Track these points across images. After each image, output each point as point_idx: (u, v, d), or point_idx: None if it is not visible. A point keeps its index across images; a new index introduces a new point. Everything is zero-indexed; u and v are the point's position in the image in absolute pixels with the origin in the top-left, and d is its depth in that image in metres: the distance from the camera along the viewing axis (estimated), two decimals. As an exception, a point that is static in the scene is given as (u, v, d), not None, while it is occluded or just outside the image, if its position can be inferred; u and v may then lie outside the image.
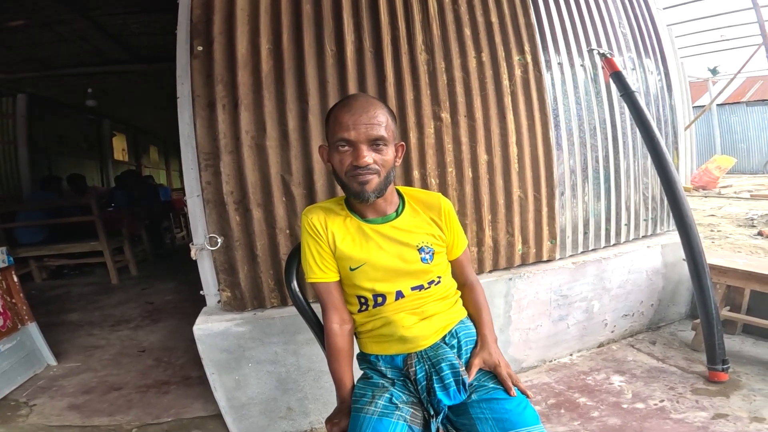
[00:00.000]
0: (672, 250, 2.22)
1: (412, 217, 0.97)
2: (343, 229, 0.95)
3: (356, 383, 0.95)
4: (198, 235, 1.56)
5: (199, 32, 1.43)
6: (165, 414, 1.73)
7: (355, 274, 0.93)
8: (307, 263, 0.96)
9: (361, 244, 0.93)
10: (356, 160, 0.85)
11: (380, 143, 0.87)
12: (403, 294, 0.94)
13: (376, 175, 0.87)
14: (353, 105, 0.87)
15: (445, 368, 0.89)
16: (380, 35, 1.61)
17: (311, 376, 1.58)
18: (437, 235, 0.98)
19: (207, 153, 1.46)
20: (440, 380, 0.88)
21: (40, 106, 5.44)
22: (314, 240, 0.95)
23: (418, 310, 0.94)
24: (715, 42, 8.02)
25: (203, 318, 1.53)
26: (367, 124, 0.85)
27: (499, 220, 1.83)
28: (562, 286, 1.95)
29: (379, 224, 0.95)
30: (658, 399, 1.62)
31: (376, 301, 0.94)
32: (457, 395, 0.87)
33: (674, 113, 2.38)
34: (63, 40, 3.84)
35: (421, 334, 0.93)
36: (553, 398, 1.69)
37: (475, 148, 1.76)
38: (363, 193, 0.87)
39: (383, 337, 0.95)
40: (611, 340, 2.13)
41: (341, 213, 0.96)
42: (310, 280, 0.96)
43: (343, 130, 0.85)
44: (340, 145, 0.87)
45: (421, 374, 0.91)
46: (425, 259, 0.94)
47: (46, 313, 2.97)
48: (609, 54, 1.89)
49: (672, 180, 1.74)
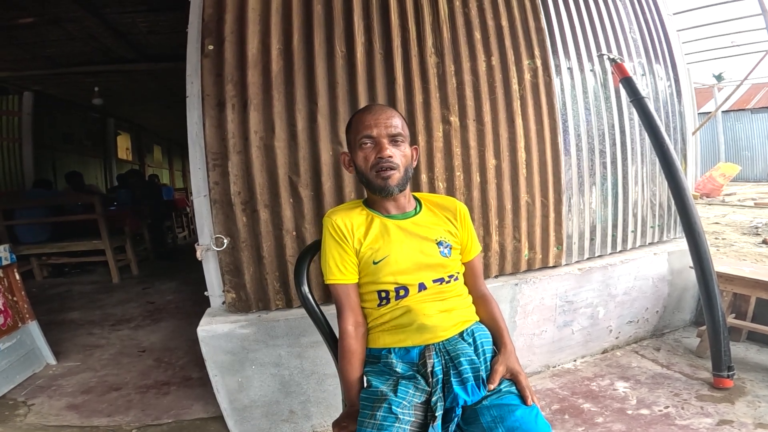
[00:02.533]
0: (678, 258, 2.22)
1: (430, 216, 1.03)
2: (366, 225, 0.99)
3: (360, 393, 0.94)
4: (204, 236, 1.55)
5: (211, 31, 1.43)
6: (165, 415, 1.72)
7: (378, 267, 0.95)
8: (327, 264, 0.98)
9: (384, 238, 0.98)
10: (380, 153, 0.94)
11: (399, 139, 0.96)
12: (426, 286, 0.97)
13: (397, 170, 0.95)
14: (373, 108, 0.99)
15: (464, 362, 0.90)
16: (390, 37, 1.61)
17: (315, 379, 1.57)
18: (453, 233, 1.03)
19: (215, 153, 1.45)
20: (458, 374, 0.88)
21: (46, 104, 5.46)
22: (336, 242, 0.97)
23: (440, 302, 0.97)
24: (721, 48, 8.01)
25: (207, 319, 1.52)
26: (386, 122, 0.95)
27: (506, 225, 1.82)
28: (568, 292, 1.94)
29: (400, 219, 1.00)
30: (662, 405, 1.62)
31: (398, 293, 0.96)
32: (475, 391, 0.86)
33: (684, 120, 2.37)
34: (71, 38, 3.86)
35: (441, 324, 0.94)
36: (557, 404, 1.68)
37: (484, 152, 1.75)
38: (387, 187, 0.95)
39: (401, 327, 0.95)
40: (615, 346, 2.12)
41: (363, 212, 1.02)
42: (329, 281, 0.98)
43: (366, 128, 0.95)
44: (363, 143, 0.95)
45: (439, 367, 0.90)
46: (444, 252, 0.98)
47: (47, 312, 2.96)
48: (619, 59, 1.88)
49: (681, 187, 1.73)
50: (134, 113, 7.37)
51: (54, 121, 5.68)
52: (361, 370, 0.96)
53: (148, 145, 9.10)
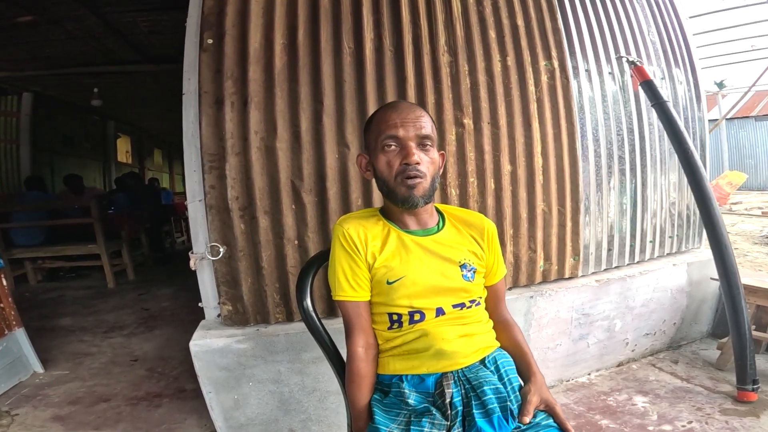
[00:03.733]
0: (698, 269, 2.15)
1: (453, 233, 0.92)
2: (382, 239, 0.88)
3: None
4: (198, 244, 1.45)
5: (211, 24, 1.35)
6: (156, 429, 1.63)
7: (393, 288, 0.85)
8: (336, 279, 0.87)
9: (401, 256, 0.86)
10: (406, 158, 0.81)
11: (428, 143, 0.84)
12: (444, 311, 0.86)
13: (424, 179, 0.83)
14: (399, 106, 0.86)
15: (488, 392, 0.79)
16: (401, 34, 1.53)
17: (316, 396, 1.47)
18: (479, 254, 0.91)
19: (212, 154, 1.36)
20: (481, 405, 0.77)
21: (45, 105, 5.41)
22: (348, 254, 0.86)
23: (460, 326, 0.86)
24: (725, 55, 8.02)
25: (201, 333, 1.43)
26: (415, 122, 0.83)
27: (522, 234, 1.73)
28: (584, 305, 1.86)
29: (421, 236, 0.89)
30: (685, 420, 1.55)
31: (412, 317, 0.86)
32: (503, 424, 0.75)
33: (703, 126, 2.30)
34: (72, 38, 3.81)
35: (461, 350, 0.83)
36: (573, 420, 1.59)
37: (499, 157, 1.66)
38: (411, 198, 0.83)
39: (415, 353, 0.84)
40: (631, 359, 2.05)
41: (379, 223, 0.90)
42: (338, 297, 0.87)
43: (391, 128, 0.82)
44: (386, 145, 0.83)
45: (458, 398, 0.79)
46: (467, 276, 0.87)
47: (38, 317, 2.89)
48: (639, 62, 1.81)
49: (706, 196, 1.66)
50: (135, 116, 7.33)
51: (54, 123, 5.62)
52: (371, 395, 0.85)
53: (149, 148, 9.05)
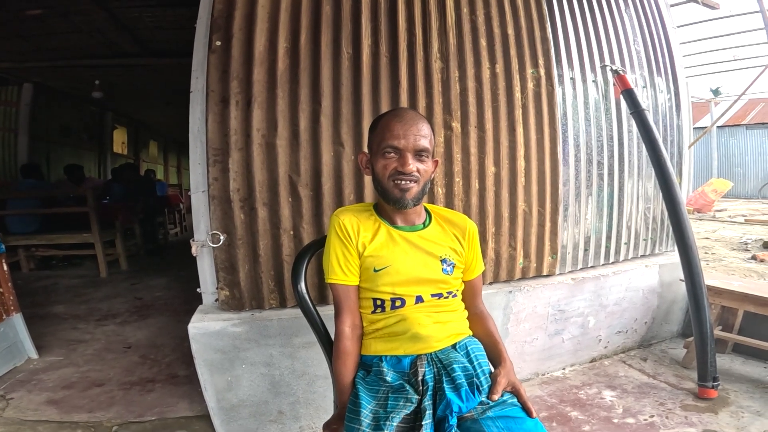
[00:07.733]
0: (669, 270, 2.25)
1: (438, 231, 1.02)
2: (373, 231, 0.98)
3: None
4: (200, 232, 1.53)
5: (219, 27, 1.42)
6: (148, 412, 1.69)
7: (378, 275, 0.95)
8: (329, 263, 0.97)
9: (389, 247, 0.97)
10: (402, 167, 0.91)
11: (424, 155, 0.94)
12: (423, 299, 0.96)
13: (416, 184, 0.94)
14: (405, 116, 0.94)
15: (457, 369, 0.88)
16: (397, 41, 1.62)
17: (305, 380, 1.55)
18: (459, 251, 1.02)
19: (216, 149, 1.44)
20: (451, 381, 0.87)
21: (45, 95, 5.41)
22: (341, 241, 0.97)
23: (435, 313, 0.97)
24: (721, 62, 8.09)
25: (199, 316, 1.50)
26: (416, 135, 0.92)
27: (503, 233, 1.83)
28: (560, 301, 1.96)
29: (407, 232, 0.99)
30: (648, 414, 1.64)
31: (394, 303, 0.96)
32: (470, 396, 0.84)
33: (681, 134, 2.38)
34: (77, 30, 3.82)
35: (435, 335, 0.94)
36: (545, 411, 1.69)
37: (484, 159, 1.76)
38: (402, 199, 0.93)
39: (394, 335, 0.95)
40: (604, 355, 2.14)
41: (371, 217, 1.01)
42: (330, 280, 0.97)
43: (394, 138, 0.92)
44: (386, 152, 0.93)
45: (430, 376, 0.89)
46: (446, 270, 0.97)
47: (31, 305, 2.90)
48: (621, 71, 1.90)
49: (676, 201, 1.75)
50: (133, 108, 7.30)
51: (52, 113, 5.62)
52: (355, 372, 0.94)
53: (145, 140, 9.01)
